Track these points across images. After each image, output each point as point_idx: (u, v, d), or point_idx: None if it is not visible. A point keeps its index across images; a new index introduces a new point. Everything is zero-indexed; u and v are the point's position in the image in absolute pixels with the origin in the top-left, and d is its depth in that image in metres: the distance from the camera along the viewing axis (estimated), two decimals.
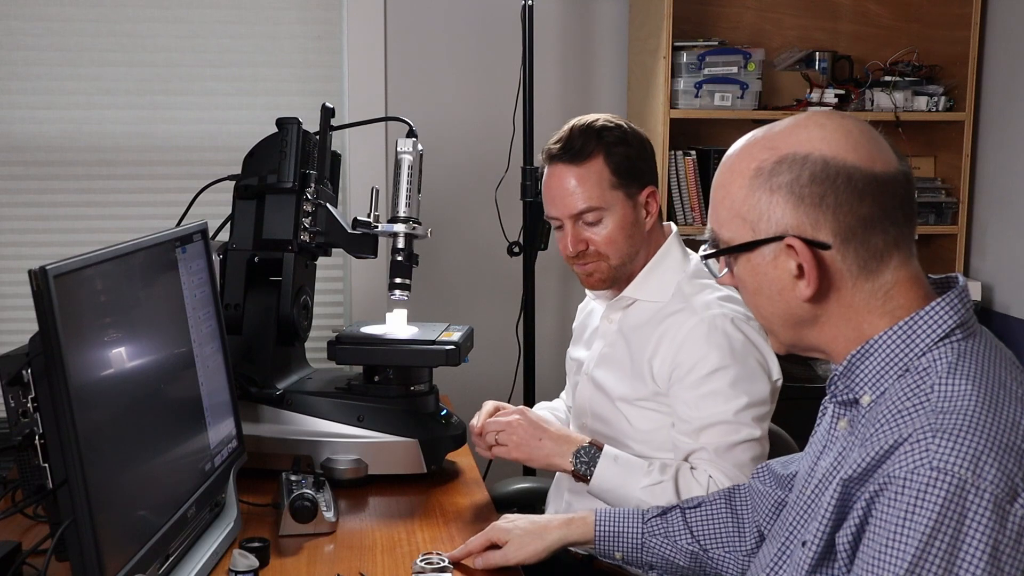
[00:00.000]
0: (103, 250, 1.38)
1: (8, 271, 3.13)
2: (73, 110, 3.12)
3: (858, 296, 1.21)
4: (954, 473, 1.04)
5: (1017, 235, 3.03)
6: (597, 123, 1.93)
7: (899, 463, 1.08)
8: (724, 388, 1.81)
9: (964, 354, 1.17)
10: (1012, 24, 3.05)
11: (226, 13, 3.16)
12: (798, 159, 1.19)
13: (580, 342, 2.14)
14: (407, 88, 3.23)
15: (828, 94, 3.13)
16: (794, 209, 1.19)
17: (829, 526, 1.16)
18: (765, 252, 1.22)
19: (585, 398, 2.03)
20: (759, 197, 1.21)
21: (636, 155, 1.94)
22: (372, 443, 2.01)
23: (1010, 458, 1.06)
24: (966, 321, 1.20)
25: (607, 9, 3.30)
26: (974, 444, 1.06)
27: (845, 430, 1.25)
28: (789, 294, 1.22)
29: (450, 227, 3.21)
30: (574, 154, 1.90)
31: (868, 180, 1.18)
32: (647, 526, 1.61)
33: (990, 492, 1.04)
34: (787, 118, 1.27)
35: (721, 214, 1.26)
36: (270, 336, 2.10)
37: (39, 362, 1.24)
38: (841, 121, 1.23)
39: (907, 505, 1.05)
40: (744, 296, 1.31)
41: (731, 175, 1.25)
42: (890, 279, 1.20)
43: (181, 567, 1.54)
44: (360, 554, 1.71)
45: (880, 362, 1.20)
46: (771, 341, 1.33)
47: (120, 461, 1.36)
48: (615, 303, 2.00)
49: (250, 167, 2.14)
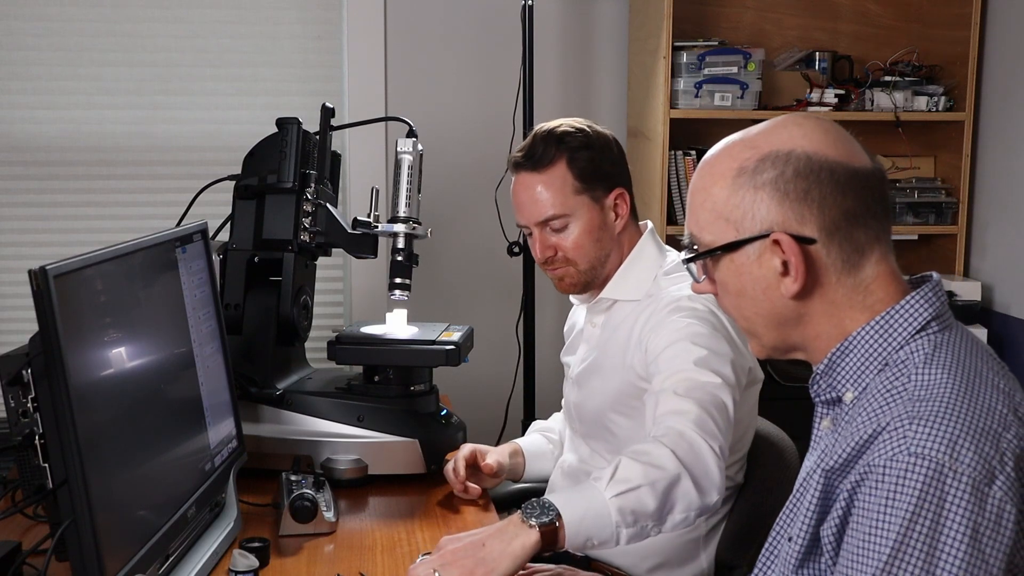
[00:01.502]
0: (103, 250, 1.38)
1: (8, 271, 3.13)
2: (73, 110, 3.12)
3: (840, 291, 1.22)
4: (932, 458, 1.06)
5: (1017, 235, 3.03)
6: (559, 129, 1.92)
7: (878, 451, 1.09)
8: (686, 347, 1.74)
9: (940, 345, 1.18)
10: (1012, 24, 3.05)
11: (226, 13, 3.16)
12: (781, 156, 1.20)
13: (568, 346, 2.14)
14: (407, 88, 3.23)
15: (828, 94, 3.13)
16: (779, 205, 1.20)
17: (814, 519, 1.17)
18: (749, 251, 1.23)
19: (571, 403, 2.04)
20: (743, 196, 1.22)
21: (600, 158, 1.93)
22: (372, 443, 2.02)
23: (987, 442, 1.07)
24: (941, 314, 1.22)
25: (607, 9, 3.30)
26: (950, 429, 1.07)
27: (828, 428, 1.27)
28: (774, 293, 1.23)
29: (450, 227, 3.21)
30: (536, 161, 1.91)
31: (850, 175, 1.20)
32: None
33: (968, 475, 1.05)
34: (763, 122, 1.28)
35: (702, 217, 1.26)
36: (270, 336, 2.10)
37: (39, 362, 1.24)
38: (818, 121, 1.25)
39: (887, 492, 1.06)
40: (725, 300, 1.30)
41: (711, 178, 1.25)
42: (871, 273, 1.22)
43: (181, 567, 1.54)
44: (360, 554, 1.71)
45: (860, 358, 1.21)
46: (752, 345, 1.33)
47: (120, 461, 1.36)
48: (595, 306, 2.00)
49: (250, 167, 2.14)
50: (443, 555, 1.47)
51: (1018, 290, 3.03)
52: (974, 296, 3.05)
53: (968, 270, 3.21)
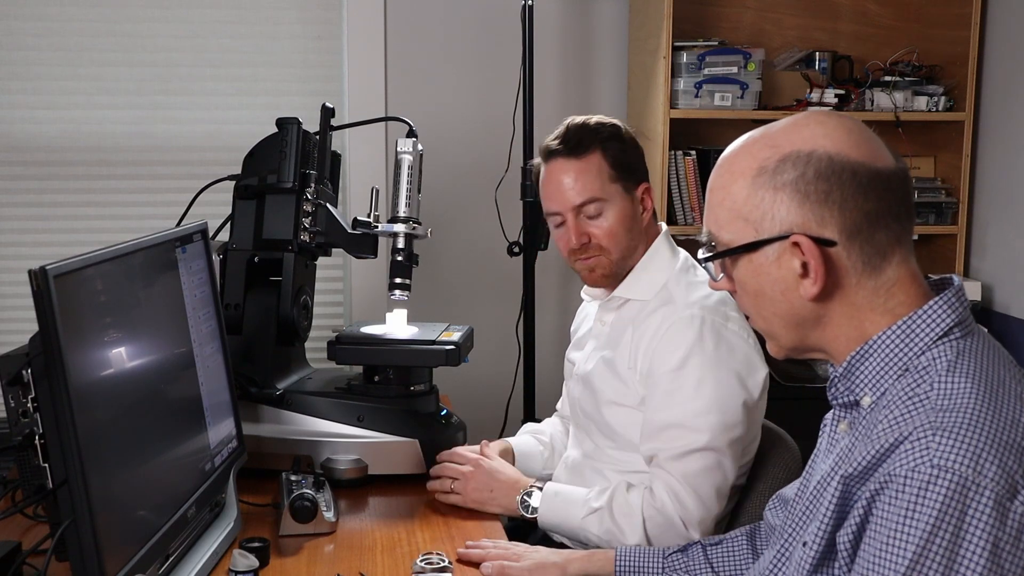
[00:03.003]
0: (103, 250, 1.38)
1: (8, 271, 3.13)
2: (73, 110, 3.12)
3: (861, 294, 1.20)
4: (955, 471, 1.04)
5: (1017, 235, 3.03)
6: (592, 121, 1.97)
7: (900, 461, 1.08)
8: (688, 387, 1.81)
9: (963, 352, 1.16)
10: (1012, 24, 3.05)
11: (226, 13, 3.15)
12: (802, 156, 1.19)
13: (576, 343, 2.15)
14: (407, 88, 3.22)
15: (828, 94, 3.13)
16: (799, 206, 1.18)
17: (830, 525, 1.16)
18: (768, 252, 1.21)
19: (576, 399, 2.05)
20: (762, 196, 1.20)
21: (630, 151, 1.97)
22: (372, 443, 2.01)
23: (1010, 456, 1.06)
24: (964, 320, 1.20)
25: (607, 9, 3.30)
26: (975, 442, 1.06)
27: (845, 431, 1.25)
28: (793, 294, 1.21)
29: (450, 227, 3.21)
30: (572, 148, 1.93)
31: (872, 176, 1.18)
32: (667, 561, 1.60)
33: (991, 490, 1.04)
34: (784, 118, 1.26)
35: (720, 216, 1.25)
36: (270, 336, 2.10)
37: (39, 362, 1.24)
38: (840, 119, 1.23)
39: (908, 503, 1.05)
40: (744, 300, 1.29)
41: (731, 176, 1.23)
42: (892, 276, 1.20)
43: (181, 567, 1.54)
44: (360, 554, 1.71)
45: (880, 362, 1.19)
46: (770, 346, 1.32)
47: (120, 461, 1.36)
48: (607, 304, 2.00)
49: (250, 167, 2.14)
50: (465, 475, 1.90)
51: (1018, 290, 3.03)
52: (974, 296, 3.05)
53: (968, 270, 3.21)
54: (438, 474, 1.96)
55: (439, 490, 1.94)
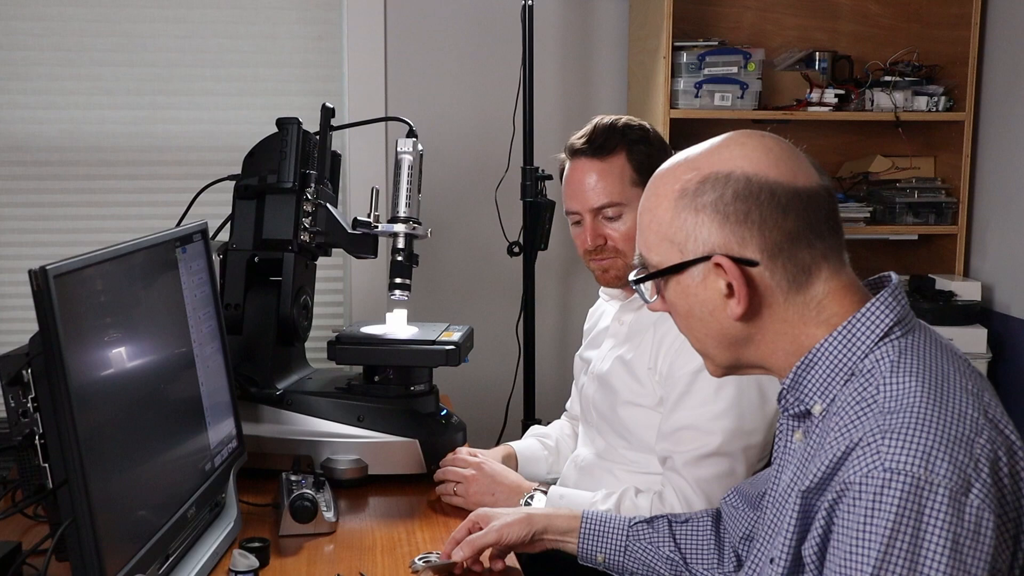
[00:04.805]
0: (103, 250, 1.38)
1: (8, 271, 3.13)
2: (73, 110, 3.12)
3: (791, 310, 1.21)
4: (907, 472, 1.05)
5: (1017, 235, 3.03)
6: (620, 122, 1.96)
7: (853, 468, 1.08)
8: (706, 390, 1.81)
9: (905, 351, 1.17)
10: (1012, 24, 3.05)
11: (226, 13, 3.15)
12: (721, 177, 1.20)
13: (590, 342, 2.14)
14: (407, 88, 3.22)
15: (828, 94, 3.13)
16: (720, 227, 1.20)
17: (794, 540, 1.16)
18: (694, 273, 1.23)
19: (589, 397, 2.04)
20: (685, 218, 1.22)
21: (657, 154, 1.94)
22: (372, 443, 2.01)
23: (960, 450, 1.07)
24: (903, 318, 1.21)
25: (607, 9, 3.30)
26: (924, 441, 1.07)
27: (800, 442, 1.26)
28: (721, 314, 1.23)
29: (450, 227, 3.21)
30: (597, 148, 1.92)
31: (791, 195, 1.19)
32: (632, 530, 1.61)
33: (944, 487, 1.04)
34: (709, 140, 1.28)
35: (649, 238, 1.27)
36: (270, 336, 2.10)
37: (39, 362, 1.24)
38: (761, 139, 1.24)
39: (865, 509, 1.06)
40: (676, 321, 1.31)
41: (656, 198, 1.26)
42: (821, 291, 1.21)
43: (181, 567, 1.54)
44: (360, 554, 1.71)
45: (825, 370, 1.20)
46: (707, 365, 1.33)
47: (120, 461, 1.36)
48: (627, 304, 2.01)
49: (250, 167, 2.14)
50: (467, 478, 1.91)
51: (1018, 290, 3.03)
52: (974, 296, 3.05)
53: (968, 270, 3.21)
54: (441, 479, 1.96)
55: (444, 494, 1.95)
